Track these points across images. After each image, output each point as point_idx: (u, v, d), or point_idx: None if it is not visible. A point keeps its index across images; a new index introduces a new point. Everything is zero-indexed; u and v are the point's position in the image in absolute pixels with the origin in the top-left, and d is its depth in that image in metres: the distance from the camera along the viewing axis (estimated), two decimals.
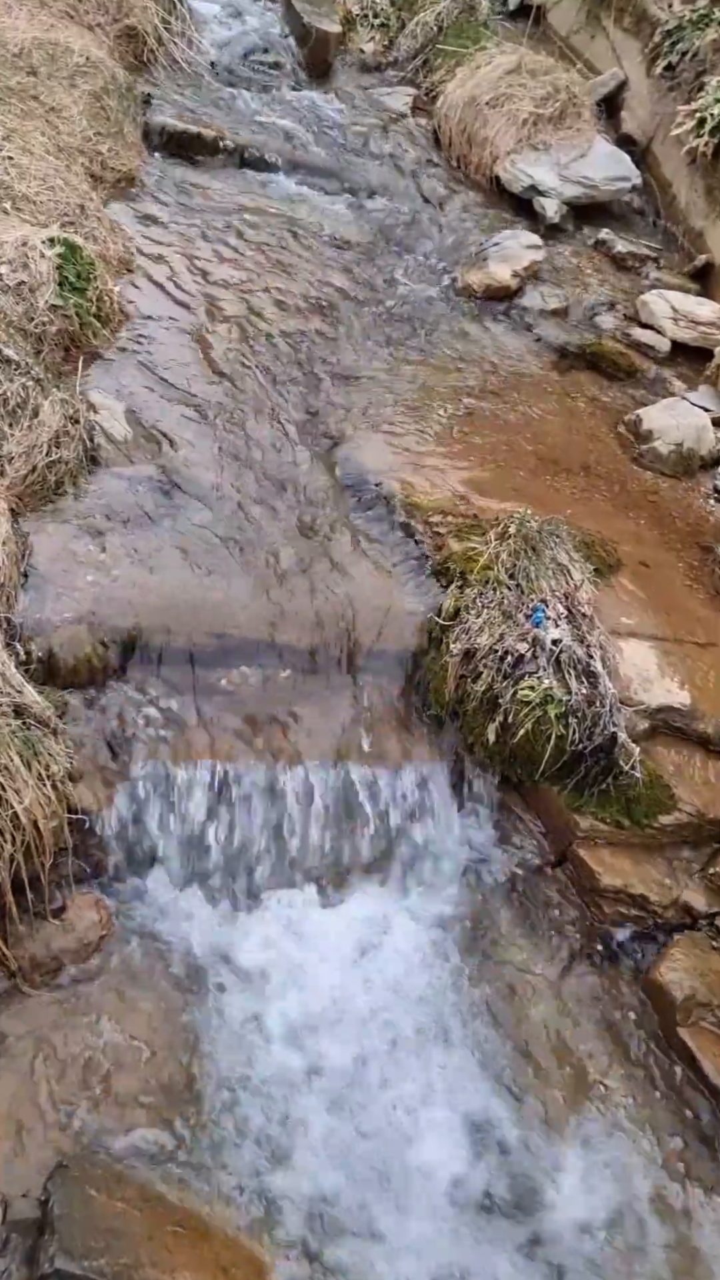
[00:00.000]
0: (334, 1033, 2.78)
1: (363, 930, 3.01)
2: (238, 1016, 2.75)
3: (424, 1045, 2.81)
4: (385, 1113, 2.66)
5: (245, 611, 3.22)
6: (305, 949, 2.92)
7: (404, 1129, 2.65)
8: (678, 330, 4.90)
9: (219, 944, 2.89)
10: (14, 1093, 2.46)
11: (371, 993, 2.89)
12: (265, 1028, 2.74)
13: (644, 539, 3.88)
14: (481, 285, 4.95)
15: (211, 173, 5.25)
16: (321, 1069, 2.70)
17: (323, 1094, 2.66)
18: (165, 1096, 2.57)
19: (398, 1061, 2.76)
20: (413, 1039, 2.81)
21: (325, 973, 2.89)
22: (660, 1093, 2.83)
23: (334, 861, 3.07)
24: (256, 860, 3.01)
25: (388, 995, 2.89)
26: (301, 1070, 2.69)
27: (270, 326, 4.37)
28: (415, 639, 3.31)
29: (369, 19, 6.67)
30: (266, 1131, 2.58)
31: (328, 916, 3.01)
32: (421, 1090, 2.73)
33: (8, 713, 2.60)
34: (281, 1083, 2.66)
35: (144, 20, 5.66)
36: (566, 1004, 2.96)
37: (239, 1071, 2.66)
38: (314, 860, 3.05)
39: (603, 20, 6.50)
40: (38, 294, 3.69)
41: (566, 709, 3.02)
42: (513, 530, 3.34)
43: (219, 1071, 2.65)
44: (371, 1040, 2.78)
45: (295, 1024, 2.77)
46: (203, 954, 2.85)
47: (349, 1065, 2.73)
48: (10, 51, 4.83)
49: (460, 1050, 2.83)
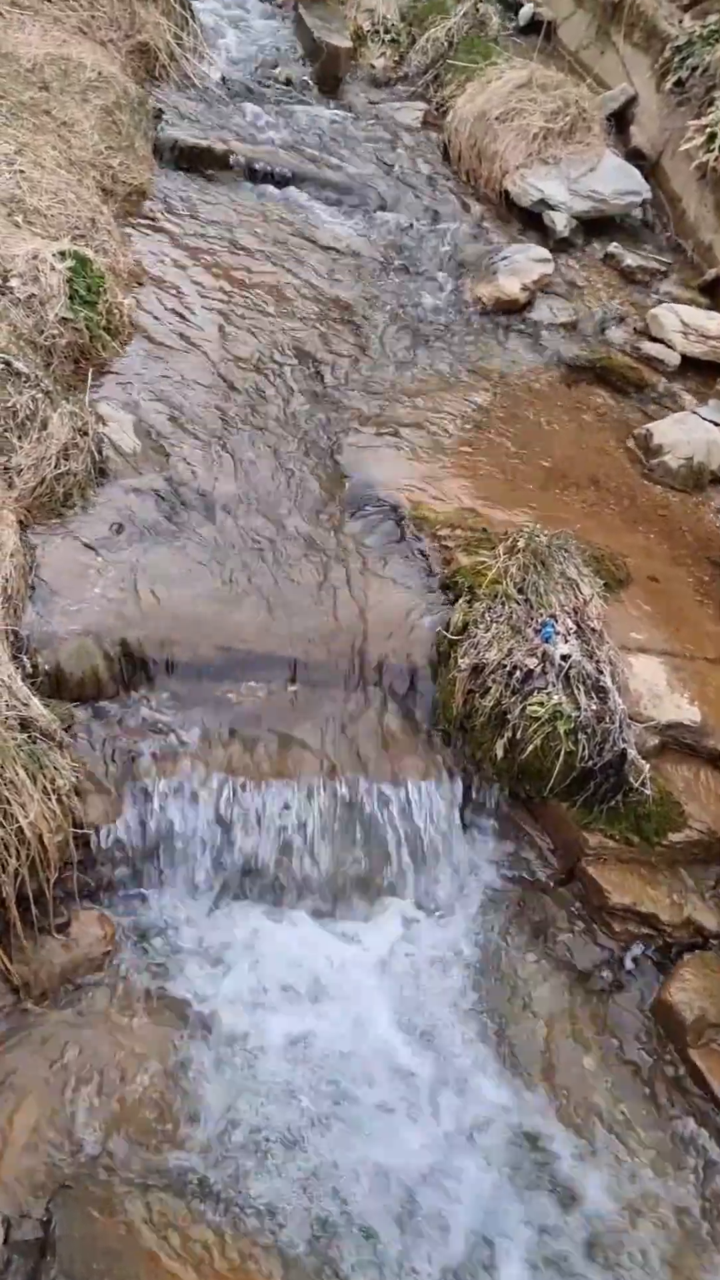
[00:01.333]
0: (335, 1049, 2.75)
1: (368, 947, 2.98)
2: (241, 1034, 2.72)
3: (429, 1065, 2.78)
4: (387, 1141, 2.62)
5: (252, 625, 3.20)
6: (310, 965, 2.89)
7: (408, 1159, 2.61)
8: (688, 344, 4.89)
9: (224, 959, 2.86)
10: (16, 1112, 2.43)
11: (376, 1010, 2.85)
12: (268, 1046, 2.71)
13: (654, 554, 3.86)
14: (491, 298, 4.95)
15: (222, 186, 5.27)
16: (325, 1091, 2.67)
17: (322, 1115, 2.62)
18: (169, 1115, 2.54)
19: (398, 1083, 2.73)
20: (415, 1059, 2.77)
21: (329, 989, 2.86)
22: (670, 1116, 2.79)
23: (340, 877, 3.04)
24: (262, 875, 2.99)
25: (392, 1013, 2.86)
26: (306, 1090, 2.66)
27: (279, 339, 4.37)
28: (423, 653, 3.29)
29: (380, 35, 6.70)
30: (272, 1151, 2.55)
31: (333, 933, 2.99)
32: (424, 1113, 2.69)
33: (14, 726, 2.59)
34: (283, 1102, 2.63)
35: (156, 36, 5.70)
36: (575, 1024, 2.92)
37: (241, 1088, 2.63)
38: (320, 876, 3.02)
39: (612, 36, 6.52)
40: (48, 307, 3.70)
41: (576, 725, 3.00)
42: (522, 544, 3.33)
43: (222, 1089, 2.62)
44: (374, 1060, 2.75)
45: (298, 1042, 2.74)
46: (206, 969, 2.83)
47: (353, 1088, 2.69)
48: (24, 67, 4.86)
49: (466, 1069, 2.79)
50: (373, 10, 6.76)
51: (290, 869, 2.99)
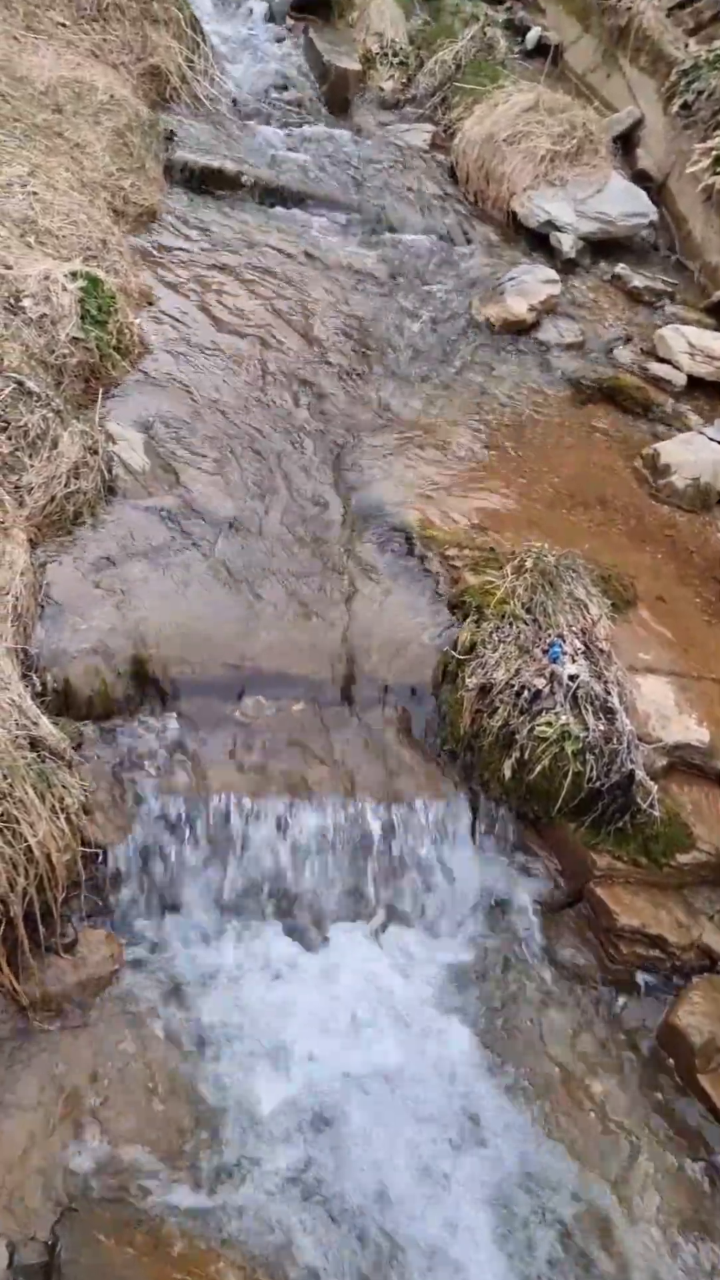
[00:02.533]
0: (342, 1073, 2.74)
1: (375, 967, 2.97)
2: (249, 1055, 2.71)
3: (433, 1088, 2.76)
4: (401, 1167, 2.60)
5: (260, 643, 3.21)
6: (316, 987, 2.87)
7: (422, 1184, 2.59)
8: (694, 364, 4.92)
9: (231, 980, 2.85)
10: (22, 1133, 2.42)
11: (380, 1032, 2.84)
12: (275, 1067, 2.69)
13: (661, 573, 3.87)
14: (499, 319, 4.98)
15: (232, 206, 5.32)
16: (332, 1117, 2.65)
17: (335, 1142, 2.60)
18: (177, 1138, 2.52)
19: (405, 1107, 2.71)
20: (419, 1081, 2.76)
21: (335, 1011, 2.85)
22: (680, 1143, 2.77)
23: (346, 898, 3.03)
24: (269, 895, 2.98)
25: (397, 1034, 2.84)
26: (311, 1113, 2.64)
27: (288, 358, 4.40)
28: (431, 673, 3.29)
29: (388, 57, 6.77)
30: (279, 1173, 2.54)
31: (340, 953, 2.97)
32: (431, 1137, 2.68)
33: (23, 745, 2.60)
34: (292, 1124, 2.61)
35: (167, 59, 5.76)
36: (583, 1047, 2.90)
37: (250, 1111, 2.62)
38: (327, 896, 3.02)
39: (619, 60, 6.58)
40: (59, 327, 3.73)
41: (584, 745, 3.00)
42: (529, 564, 3.33)
43: (230, 1112, 2.60)
44: (378, 1086, 2.73)
45: (304, 1062, 2.73)
46: (213, 990, 2.82)
47: (358, 1115, 2.67)
48: (37, 90, 4.91)
49: (473, 1091, 2.78)
50: (381, 34, 6.83)
51: (297, 889, 2.99)
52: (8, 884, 2.47)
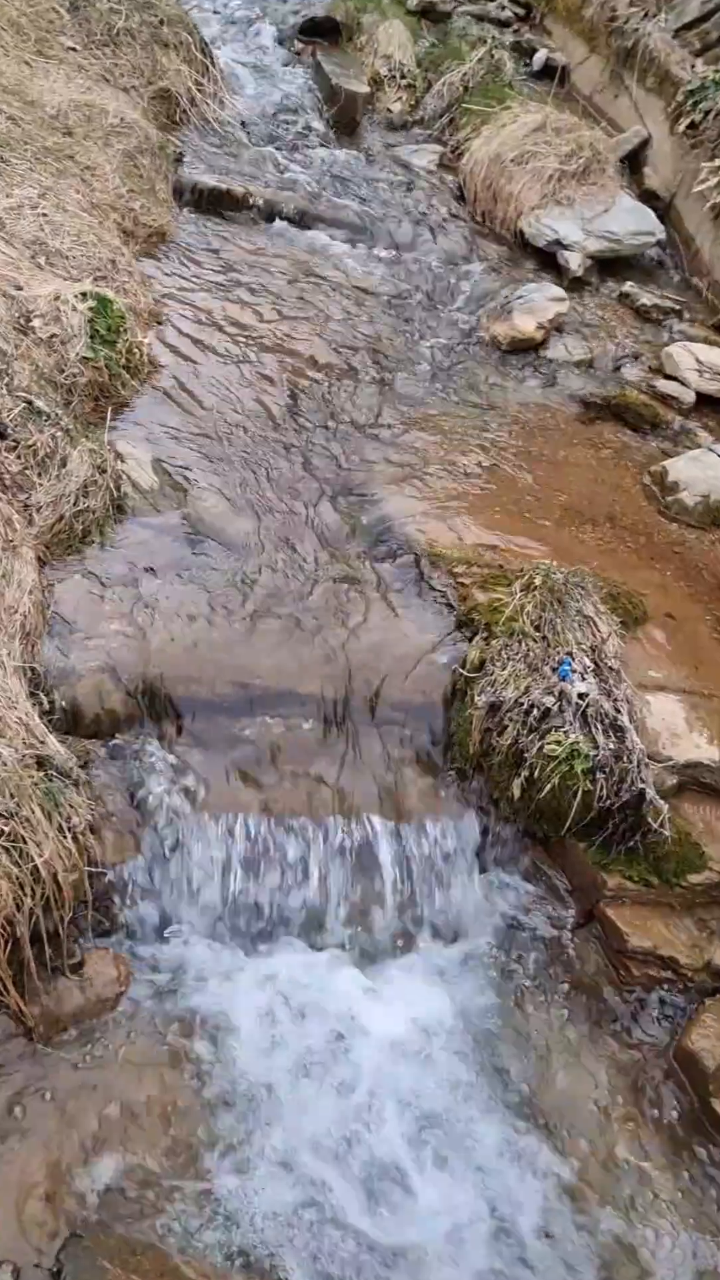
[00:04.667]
0: (347, 1096, 2.71)
1: (382, 990, 2.94)
2: (256, 1078, 2.68)
3: (444, 1110, 2.73)
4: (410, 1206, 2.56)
5: (268, 661, 3.20)
6: (323, 1009, 2.85)
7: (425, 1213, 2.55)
8: (702, 382, 4.92)
9: (236, 1001, 2.82)
10: (26, 1157, 2.39)
11: (388, 1054, 2.81)
12: (278, 1093, 2.66)
13: (671, 591, 3.85)
14: (507, 337, 4.99)
15: (241, 227, 5.35)
16: (342, 1141, 2.61)
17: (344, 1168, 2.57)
18: (184, 1162, 2.49)
19: (417, 1130, 2.68)
20: (430, 1105, 2.73)
21: (344, 1032, 2.82)
22: (693, 1171, 2.72)
23: (355, 918, 3.01)
24: (277, 915, 2.96)
25: (404, 1057, 2.81)
26: (315, 1136, 2.61)
27: (297, 377, 4.42)
28: (440, 691, 3.28)
29: (396, 80, 6.83)
30: (285, 1198, 2.50)
31: (346, 975, 2.95)
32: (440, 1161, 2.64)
33: (30, 764, 2.59)
34: (303, 1148, 2.58)
35: (177, 82, 5.82)
36: (595, 1071, 2.86)
37: (258, 1135, 2.59)
38: (335, 916, 3.00)
39: (626, 80, 6.63)
40: (69, 346, 3.75)
41: (593, 764, 2.97)
42: (538, 581, 3.32)
43: (238, 1135, 2.57)
44: (389, 1109, 2.70)
45: (312, 1090, 2.69)
46: (220, 1011, 2.79)
47: (372, 1141, 2.64)
48: (48, 113, 4.96)
49: (483, 1117, 2.74)
50: (389, 56, 6.89)
51: (306, 908, 2.97)
52: (14, 904, 2.45)
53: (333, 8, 7.23)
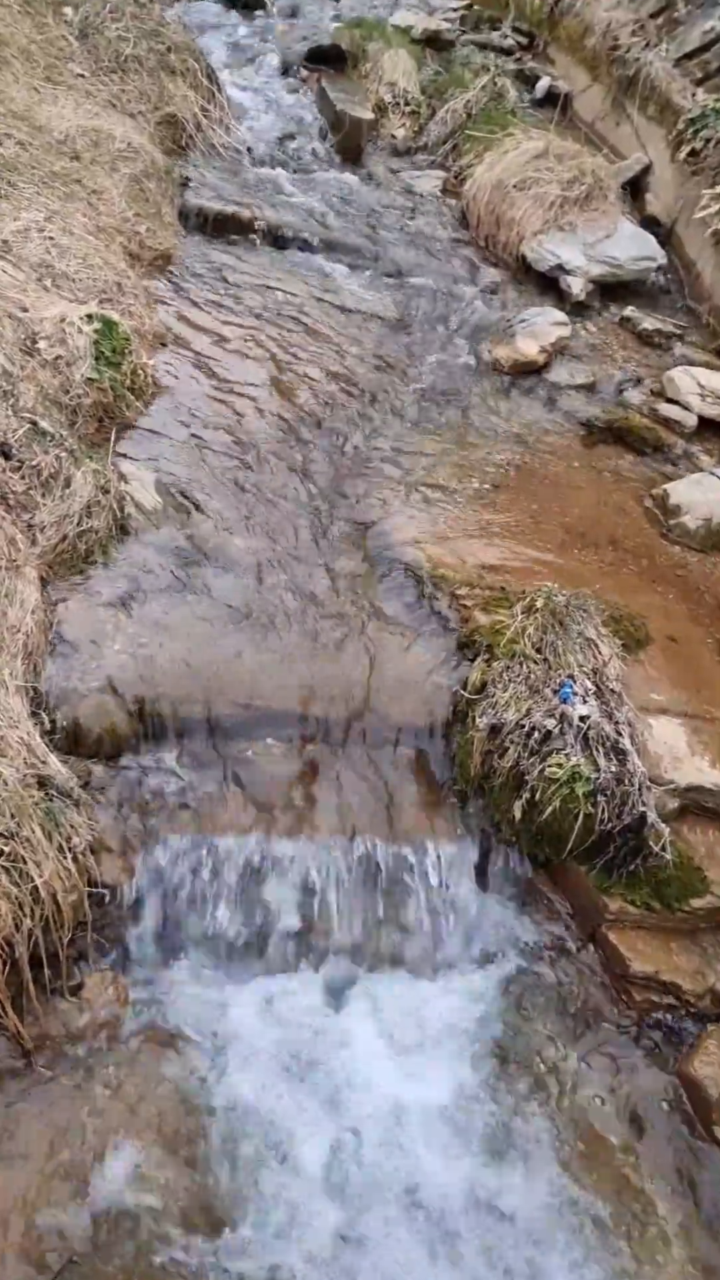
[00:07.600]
0: (350, 1122, 2.69)
1: (382, 1012, 2.92)
2: (254, 1101, 2.66)
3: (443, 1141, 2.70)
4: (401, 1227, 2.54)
5: (271, 682, 3.20)
6: (325, 1033, 2.83)
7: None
8: (704, 406, 4.94)
9: (238, 1023, 2.81)
10: (24, 1182, 2.37)
11: (390, 1080, 2.79)
12: (280, 1120, 2.64)
13: (672, 613, 3.85)
14: (509, 360, 5.02)
15: (245, 251, 5.40)
16: (344, 1166, 2.59)
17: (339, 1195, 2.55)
18: (184, 1187, 2.47)
19: (416, 1158, 2.66)
20: (430, 1135, 2.70)
21: (344, 1057, 2.80)
22: (697, 1200, 2.69)
23: (356, 941, 3.00)
24: (277, 937, 2.95)
25: (407, 1083, 2.79)
26: (320, 1162, 2.59)
27: (300, 399, 4.44)
28: (441, 712, 3.28)
29: (400, 106, 6.91)
30: (285, 1225, 2.48)
31: (347, 996, 2.93)
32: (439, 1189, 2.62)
33: (31, 784, 2.59)
34: (301, 1175, 2.56)
35: (183, 108, 5.89)
36: (597, 1097, 2.84)
37: (257, 1158, 2.57)
38: (336, 939, 2.98)
39: (627, 108, 6.70)
40: (74, 368, 3.78)
41: (595, 787, 2.97)
42: (540, 604, 3.33)
43: (238, 1158, 2.55)
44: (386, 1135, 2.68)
45: (314, 1114, 2.67)
46: (220, 1034, 2.78)
47: (374, 1162, 2.62)
48: (56, 138, 5.02)
49: (484, 1144, 2.72)
50: (394, 83, 6.98)
51: (306, 931, 2.95)
52: (13, 925, 2.44)
53: (338, 36, 7.33)
